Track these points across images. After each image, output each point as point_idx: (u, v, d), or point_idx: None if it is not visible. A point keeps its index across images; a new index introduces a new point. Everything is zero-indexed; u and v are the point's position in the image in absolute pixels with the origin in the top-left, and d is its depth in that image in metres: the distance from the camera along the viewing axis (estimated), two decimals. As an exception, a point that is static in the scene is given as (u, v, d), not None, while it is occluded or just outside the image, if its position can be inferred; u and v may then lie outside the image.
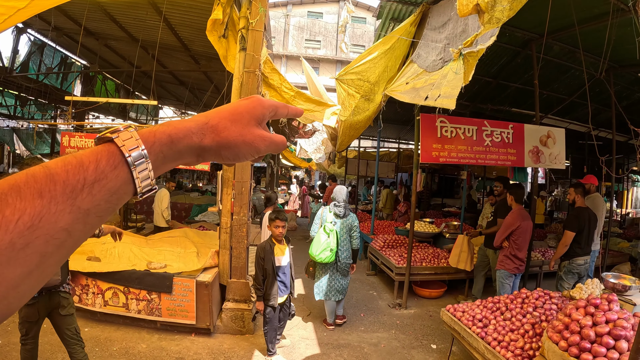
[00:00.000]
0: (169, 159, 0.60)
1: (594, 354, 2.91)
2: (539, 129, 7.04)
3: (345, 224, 5.81)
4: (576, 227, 5.78)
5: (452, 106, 4.52)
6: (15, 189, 0.45)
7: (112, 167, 0.53)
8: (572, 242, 5.82)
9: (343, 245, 5.72)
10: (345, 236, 5.76)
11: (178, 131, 0.60)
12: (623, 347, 2.87)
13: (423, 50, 5.69)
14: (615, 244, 10.40)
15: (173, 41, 8.43)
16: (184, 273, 5.29)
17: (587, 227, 5.88)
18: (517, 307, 4.52)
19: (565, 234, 5.83)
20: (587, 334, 3.02)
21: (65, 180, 0.48)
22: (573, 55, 7.39)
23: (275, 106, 0.70)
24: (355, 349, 5.26)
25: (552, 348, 3.16)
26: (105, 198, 0.52)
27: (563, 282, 6.00)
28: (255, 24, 5.31)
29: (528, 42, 7.11)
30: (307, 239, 12.39)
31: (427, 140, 6.13)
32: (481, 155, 6.47)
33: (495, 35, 3.66)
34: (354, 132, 8.43)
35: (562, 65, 8.03)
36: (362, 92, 6.46)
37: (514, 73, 8.75)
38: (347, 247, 5.79)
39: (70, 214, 0.48)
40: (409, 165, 16.48)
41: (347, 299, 7.03)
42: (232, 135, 0.63)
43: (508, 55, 7.84)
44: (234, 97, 5.47)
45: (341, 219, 5.81)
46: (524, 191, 6.45)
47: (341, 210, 5.80)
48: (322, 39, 33.47)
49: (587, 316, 3.18)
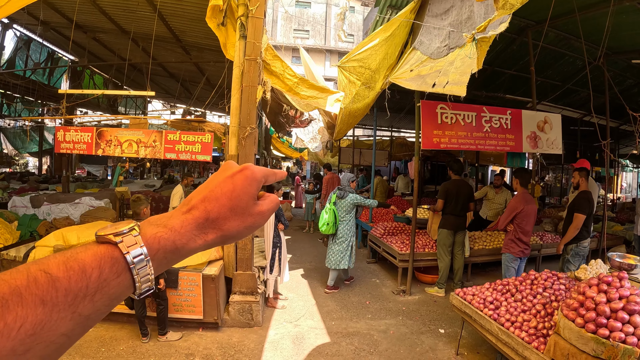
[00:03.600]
0: (171, 262, 0.62)
1: (610, 328, 2.95)
2: (536, 115, 7.12)
3: (345, 203, 6.87)
4: (587, 210, 5.80)
5: (462, 93, 4.50)
6: (17, 294, 0.46)
7: (116, 275, 0.54)
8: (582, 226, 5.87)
9: (343, 219, 6.90)
10: (345, 213, 6.90)
11: (181, 236, 0.60)
12: (637, 321, 2.92)
13: (425, 37, 5.68)
14: (610, 228, 10.63)
15: (164, 32, 8.32)
16: (189, 267, 5.23)
17: (592, 210, 5.96)
18: (527, 289, 4.54)
19: (577, 217, 5.82)
20: (602, 310, 3.06)
21: (68, 288, 0.49)
22: (568, 42, 7.47)
23: (266, 175, 0.70)
24: (365, 337, 5.27)
25: (568, 325, 3.20)
26: (106, 304, 0.53)
27: (570, 264, 6.04)
28: (255, 11, 5.24)
29: (524, 29, 7.17)
30: (304, 229, 12.47)
31: (428, 126, 6.15)
32: (481, 141, 6.53)
33: (506, 22, 3.66)
34: (353, 120, 8.42)
35: (556, 52, 8.10)
36: (363, 79, 6.45)
37: (509, 60, 8.81)
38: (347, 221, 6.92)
39: (71, 320, 0.49)
40: (402, 153, 16.59)
41: (350, 287, 7.19)
42: (234, 226, 0.65)
43: (504, 42, 7.88)
44: (234, 85, 5.39)
45: (341, 200, 6.88)
46: (530, 175, 6.54)
47: (341, 193, 6.94)
48: (310, 29, 33.45)
49: (601, 293, 3.22)
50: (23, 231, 6.87)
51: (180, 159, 6.20)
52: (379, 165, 13.09)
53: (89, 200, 8.70)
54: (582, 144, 14.33)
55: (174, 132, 5.91)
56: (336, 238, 6.95)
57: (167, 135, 5.89)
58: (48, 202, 8.63)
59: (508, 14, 3.38)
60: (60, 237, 5.54)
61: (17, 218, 7.44)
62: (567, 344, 3.20)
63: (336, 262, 6.90)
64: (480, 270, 8.48)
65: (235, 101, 5.35)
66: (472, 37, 3.82)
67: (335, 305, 6.33)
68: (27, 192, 9.96)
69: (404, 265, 7.12)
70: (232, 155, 5.37)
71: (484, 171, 19.18)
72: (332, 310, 6.13)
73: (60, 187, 10.97)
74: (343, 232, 6.93)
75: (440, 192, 7.06)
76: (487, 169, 19.57)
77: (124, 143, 5.97)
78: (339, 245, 6.94)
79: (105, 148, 6.07)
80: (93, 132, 6.12)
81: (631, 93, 10.15)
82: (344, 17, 8.18)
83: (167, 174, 19.14)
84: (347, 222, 6.94)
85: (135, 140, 5.92)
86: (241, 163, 5.25)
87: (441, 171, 17.42)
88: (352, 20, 33.01)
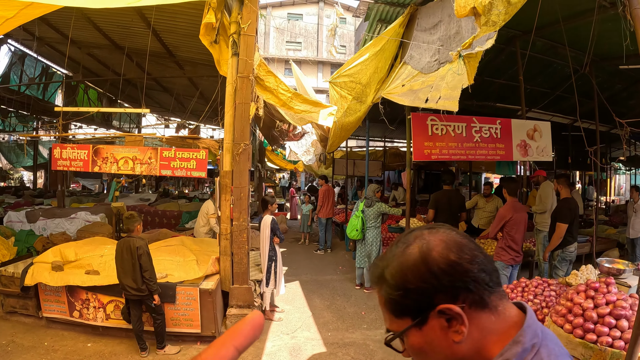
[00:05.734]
0: None
1: (597, 333, 3.04)
2: (526, 123, 7.22)
3: (372, 211, 7.55)
4: (568, 219, 5.93)
5: (455, 108, 4.60)
6: None
7: None
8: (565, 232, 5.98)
9: (370, 226, 7.56)
10: (373, 220, 7.55)
11: None
12: (624, 326, 3.01)
13: (415, 51, 5.80)
14: (602, 231, 10.76)
15: (158, 48, 8.38)
16: (186, 282, 5.28)
17: (576, 217, 6.06)
18: (519, 296, 4.63)
19: (559, 226, 5.97)
20: (589, 316, 3.15)
21: None
22: (555, 50, 7.60)
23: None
24: (360, 347, 5.33)
25: (557, 331, 3.28)
26: None
27: (558, 270, 6.17)
28: (247, 29, 5.33)
29: (512, 38, 7.29)
30: (299, 241, 12.49)
31: (419, 138, 6.23)
32: (471, 151, 6.61)
33: (493, 38, 3.76)
34: (345, 133, 8.55)
35: (544, 60, 8.24)
36: (354, 93, 6.55)
37: (498, 69, 8.94)
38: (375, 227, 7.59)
39: None
40: (396, 163, 16.66)
41: (345, 298, 7.24)
42: None
43: (493, 52, 7.98)
44: (227, 101, 5.47)
45: (368, 208, 7.54)
46: (517, 184, 6.65)
47: (368, 202, 7.60)
48: (302, 41, 33.63)
49: (588, 299, 3.31)
50: (20, 247, 6.91)
51: (175, 175, 6.28)
52: (372, 175, 13.21)
53: (85, 215, 8.74)
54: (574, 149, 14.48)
55: (169, 149, 5.98)
56: (365, 242, 7.61)
57: (162, 152, 5.97)
58: (44, 217, 8.67)
59: (493, 30, 3.48)
60: (58, 253, 5.60)
61: (13, 234, 7.48)
62: (557, 349, 3.28)
63: (363, 262, 7.63)
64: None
65: (228, 118, 5.44)
66: (459, 54, 3.92)
67: (332, 316, 6.38)
68: (23, 207, 10.00)
69: (399, 276, 7.18)
70: (226, 172, 5.45)
71: (477, 179, 19.33)
72: (329, 322, 6.18)
73: (56, 201, 10.97)
74: (372, 237, 7.59)
75: (431, 203, 7.27)
76: (480, 176, 19.67)
77: (120, 160, 6.04)
78: (367, 247, 7.59)
79: (101, 165, 6.14)
80: (89, 150, 6.19)
81: (620, 97, 10.30)
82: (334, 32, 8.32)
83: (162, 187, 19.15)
84: (374, 229, 7.60)
85: (131, 157, 6.00)
86: (235, 178, 5.36)
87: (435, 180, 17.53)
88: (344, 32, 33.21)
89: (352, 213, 7.99)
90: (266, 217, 6.23)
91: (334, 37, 8.43)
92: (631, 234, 8.95)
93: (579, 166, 16.79)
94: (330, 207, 11.43)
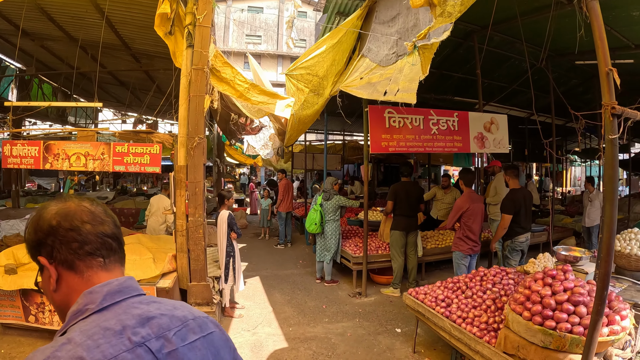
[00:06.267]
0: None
1: (556, 320, 3.09)
2: (483, 116, 7.35)
3: (331, 204, 7.60)
4: (512, 210, 6.04)
5: (412, 100, 4.58)
6: None
7: None
8: (512, 222, 6.09)
9: (329, 219, 7.61)
10: (332, 213, 7.60)
11: None
12: (582, 312, 3.08)
13: (373, 44, 5.78)
14: (559, 221, 11.19)
15: (113, 40, 8.11)
16: (142, 281, 5.09)
17: (523, 207, 6.18)
18: (477, 285, 4.71)
19: (503, 217, 6.10)
20: (548, 303, 3.20)
21: None
22: (513, 45, 7.73)
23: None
24: (322, 341, 5.31)
25: (516, 319, 3.33)
26: None
27: (509, 259, 6.32)
28: (203, 20, 5.20)
29: (470, 33, 7.37)
30: (259, 236, 12.43)
31: (376, 131, 6.26)
32: (429, 143, 6.69)
33: (448, 30, 3.78)
34: (303, 127, 8.48)
35: (502, 55, 8.38)
36: (311, 86, 6.49)
37: (456, 63, 9.06)
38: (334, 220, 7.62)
39: None
40: (355, 157, 16.77)
41: (306, 292, 7.22)
42: None
43: (451, 46, 8.09)
44: (182, 94, 5.32)
45: (327, 201, 7.61)
46: (474, 175, 6.76)
47: (326, 195, 7.68)
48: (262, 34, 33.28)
49: (546, 287, 3.37)
50: (-28, 250, 6.57)
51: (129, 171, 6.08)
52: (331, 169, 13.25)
53: (39, 215, 8.38)
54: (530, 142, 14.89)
55: (122, 144, 5.78)
56: (324, 236, 7.65)
57: (115, 147, 5.76)
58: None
59: (449, 22, 3.48)
60: (11, 255, 5.33)
61: (-35, 236, 7.11)
62: (516, 336, 3.33)
63: (323, 256, 7.68)
64: (435, 268, 8.67)
65: (183, 111, 5.30)
66: (413, 45, 3.91)
67: (292, 311, 6.35)
68: (-26, 208, 9.54)
69: (358, 267, 7.28)
70: (181, 166, 5.31)
71: (436, 171, 19.62)
72: (289, 316, 6.14)
73: (10, 202, 10.56)
74: (331, 230, 7.62)
75: (390, 194, 7.34)
76: (439, 169, 19.98)
77: (72, 156, 5.80)
78: (327, 241, 7.62)
79: (53, 162, 5.88)
80: (40, 146, 5.92)
81: (576, 92, 10.62)
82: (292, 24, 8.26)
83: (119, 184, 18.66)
84: (333, 222, 7.64)
85: (83, 153, 5.76)
86: (190, 173, 5.24)
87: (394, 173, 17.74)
88: (304, 25, 33.05)
89: (311, 206, 8.02)
90: (223, 212, 6.13)
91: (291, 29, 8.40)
92: (587, 222, 9.35)
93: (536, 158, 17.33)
94: (290, 201, 11.41)
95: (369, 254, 7.27)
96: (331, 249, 7.59)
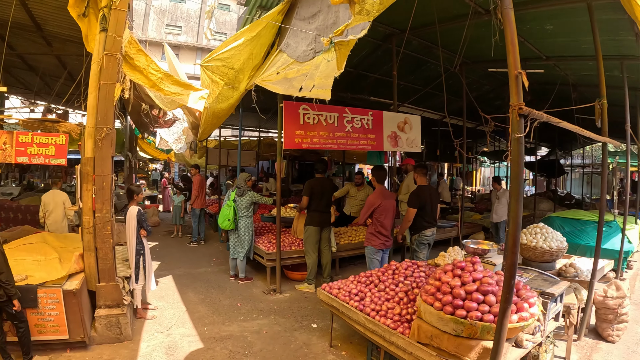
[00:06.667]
0: None
1: (466, 309, 3.24)
2: (397, 116, 7.56)
3: (244, 200, 7.53)
4: (417, 204, 6.31)
5: (327, 96, 4.60)
6: None
7: None
8: (419, 217, 6.37)
9: (242, 215, 7.50)
10: (245, 210, 7.52)
11: None
12: (492, 300, 3.25)
13: (292, 40, 5.76)
14: (469, 217, 12.03)
15: (24, 19, 7.48)
16: (48, 283, 4.74)
17: (429, 203, 6.48)
18: (389, 279, 4.82)
19: (408, 210, 6.35)
20: (458, 293, 3.34)
21: None
22: (430, 50, 8.02)
23: None
24: (238, 339, 5.22)
25: (428, 309, 3.44)
26: None
27: (417, 252, 6.59)
28: (119, 3, 4.90)
29: (389, 36, 7.53)
30: (172, 234, 12.14)
31: (290, 126, 6.25)
32: (342, 141, 6.78)
33: (366, 28, 3.83)
34: (217, 121, 8.29)
35: (419, 59, 8.67)
36: (227, 79, 6.33)
37: (374, 64, 9.24)
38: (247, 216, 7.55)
39: None
40: (270, 153, 16.73)
41: (220, 290, 7.10)
42: None
43: (370, 47, 8.25)
44: (92, 81, 5.01)
45: (240, 197, 7.53)
46: (385, 172, 6.97)
47: (239, 191, 7.58)
48: (183, 25, 32.23)
49: (456, 278, 3.52)
50: None
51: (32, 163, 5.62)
52: (245, 165, 13.16)
53: None
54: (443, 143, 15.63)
55: (26, 134, 5.35)
56: (237, 232, 7.53)
57: (18, 136, 5.31)
58: None
59: (367, 20, 3.51)
60: None
61: None
62: (429, 326, 3.44)
63: (236, 253, 7.56)
64: (349, 264, 8.80)
65: (92, 99, 4.99)
66: (330, 41, 3.92)
67: (207, 310, 6.20)
68: None
69: (272, 264, 7.25)
70: (88, 158, 4.99)
71: (350, 170, 20.00)
72: (204, 316, 5.99)
73: None
74: (244, 226, 7.53)
75: (305, 189, 7.37)
76: (354, 167, 20.40)
77: (-30, 147, 5.27)
78: (240, 237, 7.51)
79: (-52, 153, 5.31)
80: None
81: (488, 97, 11.29)
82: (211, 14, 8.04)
83: (26, 179, 17.25)
84: (246, 218, 7.56)
85: (-19, 142, 5.25)
86: (97, 166, 4.97)
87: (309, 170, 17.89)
88: (227, 19, 32.44)
89: (224, 202, 7.89)
90: (132, 208, 5.83)
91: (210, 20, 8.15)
92: (495, 218, 10.03)
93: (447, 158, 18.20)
94: (204, 198, 11.14)
95: (283, 250, 7.26)
96: (245, 246, 7.51)
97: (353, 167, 20.39)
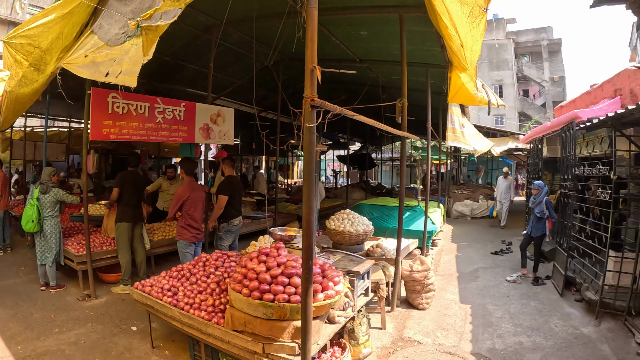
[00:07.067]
0: None
1: (273, 292, 3.48)
2: (210, 108, 7.67)
3: (49, 198, 6.79)
4: (228, 192, 6.59)
5: (133, 84, 4.45)
6: None
7: None
8: (229, 206, 6.65)
9: (48, 215, 6.76)
10: (50, 209, 6.79)
11: None
12: (297, 282, 3.52)
13: (106, 21, 5.38)
14: (284, 207, 12.70)
15: None
16: None
17: (237, 192, 6.84)
18: (201, 271, 4.90)
19: (220, 198, 6.59)
20: (263, 278, 3.58)
21: None
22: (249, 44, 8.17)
23: None
24: (55, 354, 4.80)
25: (237, 297, 3.62)
26: None
27: (223, 240, 6.84)
28: None
29: (211, 27, 7.58)
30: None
31: (98, 116, 5.88)
32: (153, 132, 6.61)
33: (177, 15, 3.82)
34: (20, 107, 7.33)
35: (239, 52, 8.87)
36: (32, 59, 5.67)
37: (193, 55, 9.18)
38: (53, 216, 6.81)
39: None
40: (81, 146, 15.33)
41: (32, 302, 6.42)
42: None
43: (190, 37, 8.14)
44: None
45: (44, 195, 6.79)
46: (194, 164, 7.04)
47: (43, 188, 6.81)
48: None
49: (261, 264, 3.76)
50: None
51: None
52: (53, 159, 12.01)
53: None
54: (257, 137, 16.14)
55: None
56: (43, 235, 6.77)
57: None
58: None
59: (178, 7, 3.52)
60: None
61: None
62: (241, 313, 3.62)
63: (44, 258, 6.80)
64: (165, 260, 8.56)
65: None
66: (137, 24, 3.83)
67: (18, 326, 5.55)
68: None
69: (83, 267, 6.78)
70: None
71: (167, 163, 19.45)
72: (16, 333, 5.36)
73: None
74: (50, 227, 6.79)
75: (117, 182, 7.10)
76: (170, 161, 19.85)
77: None
78: (47, 240, 6.77)
79: None
80: None
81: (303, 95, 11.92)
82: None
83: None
84: (52, 218, 6.84)
85: None
86: None
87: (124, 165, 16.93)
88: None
89: (27, 201, 7.11)
90: None
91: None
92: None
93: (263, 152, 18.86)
94: (7, 198, 9.72)
95: (94, 251, 6.86)
96: (52, 249, 6.78)
97: (170, 161, 19.78)
